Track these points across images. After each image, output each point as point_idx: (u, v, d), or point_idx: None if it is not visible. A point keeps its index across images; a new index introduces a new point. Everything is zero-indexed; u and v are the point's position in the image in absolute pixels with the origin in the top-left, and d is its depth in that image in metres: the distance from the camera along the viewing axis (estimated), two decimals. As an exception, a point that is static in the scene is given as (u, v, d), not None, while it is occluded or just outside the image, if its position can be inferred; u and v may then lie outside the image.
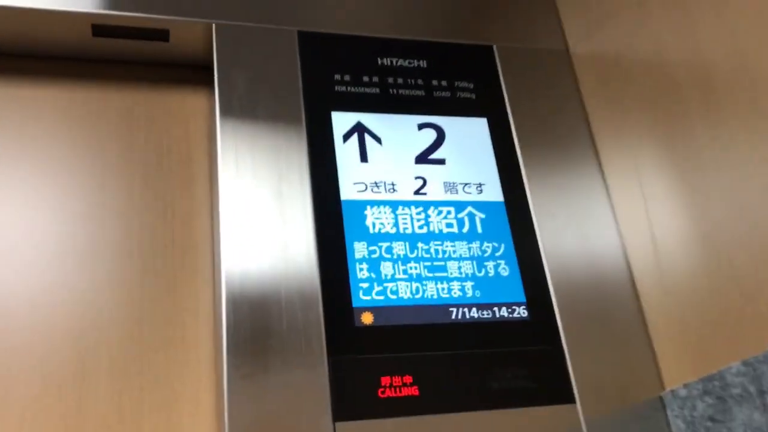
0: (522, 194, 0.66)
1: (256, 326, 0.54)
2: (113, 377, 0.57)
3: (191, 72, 0.71)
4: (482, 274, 0.61)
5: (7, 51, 0.67)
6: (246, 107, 0.62)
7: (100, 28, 0.65)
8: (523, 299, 0.61)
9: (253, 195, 0.58)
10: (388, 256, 0.59)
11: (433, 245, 0.61)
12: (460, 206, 0.64)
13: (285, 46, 0.67)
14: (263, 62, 0.65)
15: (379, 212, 0.61)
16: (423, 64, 0.70)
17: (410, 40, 0.71)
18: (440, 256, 0.61)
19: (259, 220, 0.58)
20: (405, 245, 0.60)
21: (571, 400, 0.57)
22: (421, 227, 0.61)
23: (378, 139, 0.65)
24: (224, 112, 0.61)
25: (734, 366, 0.52)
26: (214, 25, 0.66)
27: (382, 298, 0.57)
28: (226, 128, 0.61)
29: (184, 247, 0.63)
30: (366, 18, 0.72)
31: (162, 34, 0.67)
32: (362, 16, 0.72)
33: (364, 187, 0.62)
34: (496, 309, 0.60)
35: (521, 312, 0.60)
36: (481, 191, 0.65)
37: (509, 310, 0.60)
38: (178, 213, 0.65)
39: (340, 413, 0.52)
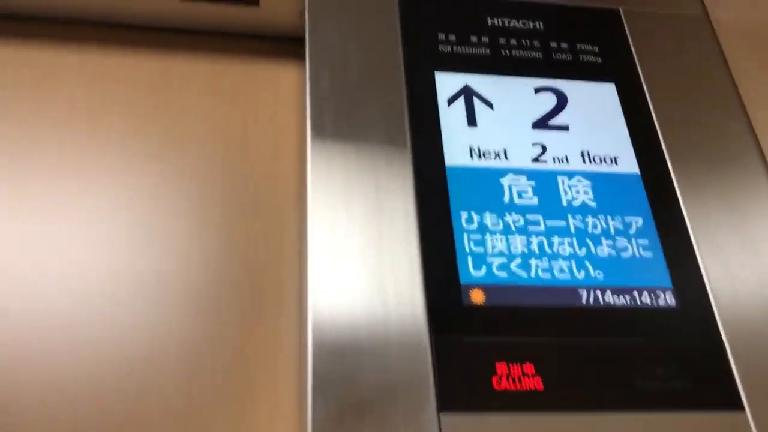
0: (662, 166, 0.55)
1: (345, 303, 0.45)
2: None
3: (282, 43, 0.65)
4: (617, 253, 0.50)
5: (91, 19, 0.63)
6: (338, 71, 0.55)
7: (185, -13, 0.60)
8: (669, 284, 0.49)
9: (347, 166, 0.50)
10: (500, 227, 0.50)
11: (555, 219, 0.51)
12: (588, 176, 0.54)
13: (383, 4, 0.60)
14: (359, 19, 0.58)
15: (491, 180, 0.52)
16: (539, 25, 0.61)
17: (523, 1, 0.63)
18: (564, 231, 0.50)
19: (354, 190, 0.50)
20: (521, 217, 0.50)
21: (738, 406, 0.45)
22: (541, 198, 0.52)
23: (488, 103, 0.56)
24: (315, 80, 0.54)
25: None
26: (307, -18, 0.60)
27: (494, 275, 0.48)
28: (317, 97, 0.53)
29: (269, 236, 0.56)
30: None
31: (251, -4, 0.61)
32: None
33: (471, 153, 0.53)
34: (636, 294, 0.49)
35: (668, 299, 0.49)
36: (613, 161, 0.55)
37: (652, 295, 0.49)
38: (263, 199, 0.58)
39: (447, 403, 0.42)
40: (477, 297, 0.47)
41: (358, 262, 0.47)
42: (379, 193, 0.50)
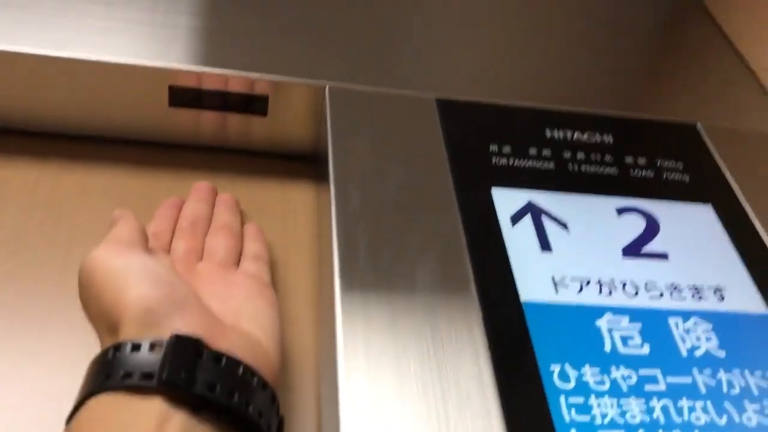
0: (794, 304, 0.42)
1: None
2: None
3: (293, 160, 0.54)
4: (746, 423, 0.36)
5: (74, 131, 0.52)
6: (370, 189, 0.43)
7: (177, 91, 0.49)
8: None
9: (390, 317, 0.37)
10: (606, 386, 0.36)
11: (677, 375, 0.37)
12: (707, 317, 0.40)
13: (421, 116, 0.49)
14: (394, 131, 0.47)
15: (584, 321, 0.38)
16: (608, 139, 0.51)
17: (586, 113, 0.53)
18: (693, 391, 0.36)
19: (403, 352, 0.36)
20: (633, 373, 0.36)
21: None
22: (654, 346, 0.38)
23: (562, 224, 0.44)
24: (341, 202, 0.42)
25: None
26: (327, 87, 0.49)
27: (610, 455, 0.33)
28: (345, 220, 0.41)
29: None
30: (525, 89, 0.54)
31: (259, 104, 0.50)
32: (520, 88, 0.54)
33: (555, 285, 0.40)
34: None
35: None
36: (730, 297, 0.42)
37: (835, 484, 0.34)
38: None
39: None
40: (593, 490, 0.32)
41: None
42: (436, 349, 0.36)
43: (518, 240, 0.42)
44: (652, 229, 0.45)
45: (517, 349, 0.36)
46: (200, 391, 0.30)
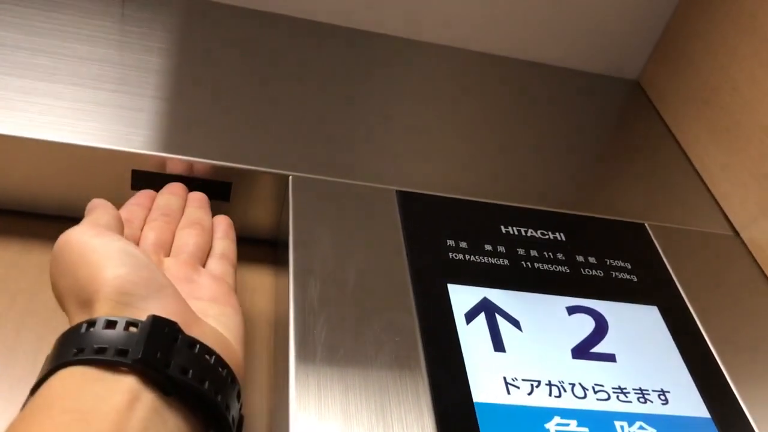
0: (737, 411, 0.44)
1: None
2: None
3: (254, 245, 0.54)
4: None
5: (37, 210, 0.52)
6: (330, 276, 0.44)
7: (140, 175, 0.49)
8: None
9: (343, 400, 0.37)
10: (556, 493, 0.36)
11: (621, 480, 0.38)
12: (652, 421, 0.41)
13: (382, 207, 0.50)
14: (354, 223, 0.48)
15: (533, 424, 0.39)
16: (560, 236, 0.52)
17: (540, 210, 0.54)
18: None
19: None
20: (579, 477, 0.37)
21: None
22: (599, 450, 0.39)
23: (515, 322, 0.45)
24: (300, 289, 0.43)
25: None
26: (291, 177, 0.50)
27: None
28: (302, 311, 0.42)
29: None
30: (480, 185, 0.56)
31: (222, 189, 0.51)
32: (475, 183, 0.56)
33: (507, 388, 0.41)
34: None
35: None
36: (666, 401, 0.43)
37: None
38: None
39: None
40: None
41: None
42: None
43: (472, 338, 0.43)
44: (600, 329, 0.46)
45: (468, 452, 0.37)
46: (174, 373, 0.30)
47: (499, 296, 0.46)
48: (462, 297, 0.45)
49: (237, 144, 0.52)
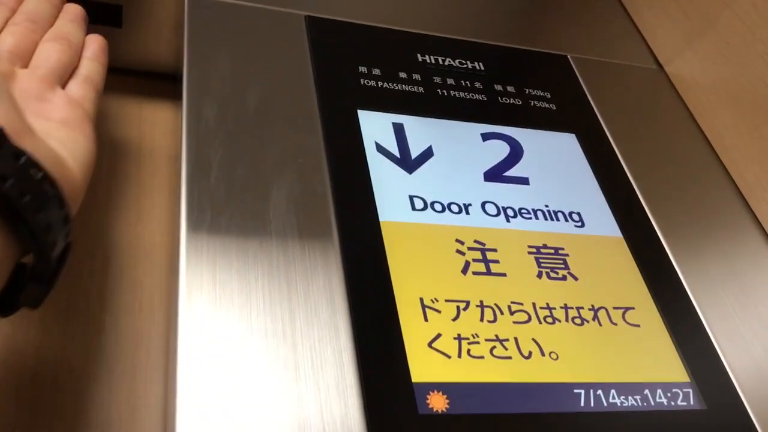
0: (648, 230, 0.43)
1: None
2: None
3: (149, 77, 0.50)
4: (619, 342, 0.37)
5: None
6: (227, 102, 0.41)
7: None
8: (686, 378, 0.36)
9: (238, 237, 0.35)
10: (462, 306, 0.35)
11: (531, 294, 0.37)
12: (563, 241, 0.41)
13: (289, 32, 0.47)
14: (257, 49, 0.45)
15: (442, 241, 0.38)
16: (479, 66, 0.50)
17: (458, 39, 0.52)
18: (543, 311, 0.37)
19: (251, 272, 0.34)
20: (491, 290, 0.37)
21: None
22: (510, 268, 0.38)
23: (427, 148, 0.43)
24: (193, 113, 0.40)
25: None
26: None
27: (457, 371, 0.33)
28: (193, 137, 0.39)
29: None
30: (400, 13, 0.53)
31: (112, 13, 0.46)
32: (395, 11, 0.53)
33: (412, 205, 0.39)
34: (647, 392, 0.35)
35: (689, 398, 0.35)
36: (582, 224, 0.42)
37: (668, 394, 0.35)
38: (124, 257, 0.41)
39: None
40: (438, 402, 0.31)
41: (260, 373, 0.31)
42: (288, 265, 0.35)
43: (381, 163, 0.41)
44: (515, 155, 0.45)
45: (372, 266, 0.36)
46: None
47: (411, 123, 0.44)
48: (373, 123, 0.43)
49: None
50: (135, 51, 0.48)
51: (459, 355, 0.33)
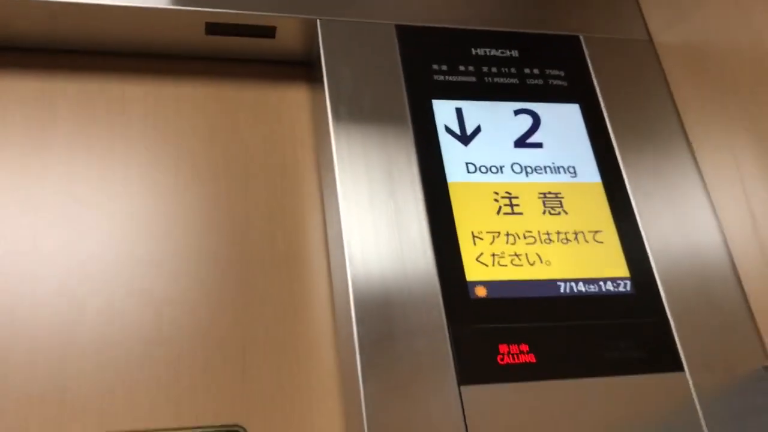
0: (618, 176, 0.68)
1: (381, 306, 0.57)
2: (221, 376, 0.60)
3: (294, 68, 0.75)
4: (589, 253, 0.63)
5: (124, 50, 0.72)
6: (354, 100, 0.66)
7: (213, 26, 0.69)
8: (627, 274, 0.63)
9: (367, 184, 0.61)
10: (496, 235, 0.62)
11: (538, 225, 0.63)
12: (562, 188, 0.66)
13: (384, 40, 0.70)
14: (366, 55, 0.69)
15: (484, 194, 0.64)
16: (515, 53, 0.73)
17: (501, 32, 0.74)
18: (544, 236, 0.63)
19: (374, 208, 0.61)
20: (513, 225, 0.63)
21: (680, 368, 0.59)
22: (526, 209, 0.64)
23: (478, 125, 0.68)
24: (335, 106, 0.65)
25: None
26: (318, 21, 0.69)
27: (492, 274, 0.60)
28: (339, 123, 0.64)
29: (293, 242, 0.67)
30: (457, 11, 0.75)
31: (269, 31, 0.70)
32: (454, 10, 0.75)
33: (465, 170, 0.65)
34: (601, 283, 0.62)
35: (626, 286, 0.62)
36: (575, 174, 0.67)
37: (614, 284, 0.62)
38: (288, 207, 0.68)
39: (464, 378, 0.54)
40: (481, 292, 0.59)
41: (388, 271, 0.58)
42: (399, 214, 0.61)
43: (447, 139, 0.66)
44: (535, 125, 0.69)
45: (442, 212, 0.62)
46: None
47: (467, 106, 0.68)
48: (442, 109, 0.68)
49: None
50: (284, 50, 0.72)
51: (493, 264, 0.60)
